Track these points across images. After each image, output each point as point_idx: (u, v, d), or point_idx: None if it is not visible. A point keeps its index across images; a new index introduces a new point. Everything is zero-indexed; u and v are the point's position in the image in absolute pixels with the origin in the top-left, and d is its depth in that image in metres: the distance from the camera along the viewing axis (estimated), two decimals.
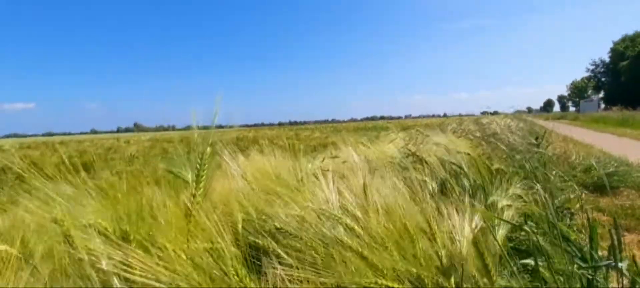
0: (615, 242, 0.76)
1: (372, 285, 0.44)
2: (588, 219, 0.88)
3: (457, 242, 0.47)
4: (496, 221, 0.63)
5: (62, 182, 0.50)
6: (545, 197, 0.75)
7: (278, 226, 0.53)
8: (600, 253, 0.88)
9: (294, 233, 0.51)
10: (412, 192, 0.56)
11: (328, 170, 0.59)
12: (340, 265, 0.43)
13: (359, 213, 0.50)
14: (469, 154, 0.98)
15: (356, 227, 0.48)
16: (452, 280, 0.46)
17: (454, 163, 0.90)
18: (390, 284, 0.45)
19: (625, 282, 0.78)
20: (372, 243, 0.46)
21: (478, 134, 1.42)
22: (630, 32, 36.76)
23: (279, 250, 0.51)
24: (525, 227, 0.66)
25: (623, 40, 37.31)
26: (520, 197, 0.72)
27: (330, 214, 0.49)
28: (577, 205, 1.32)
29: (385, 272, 0.44)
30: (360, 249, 0.45)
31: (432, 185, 0.76)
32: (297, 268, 0.43)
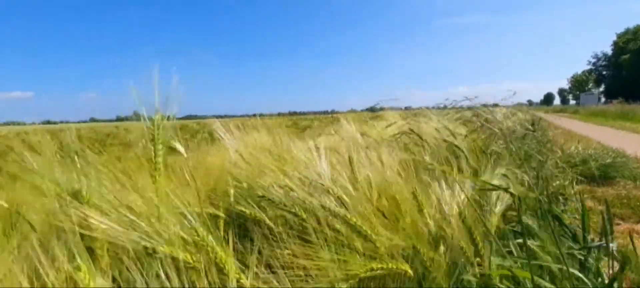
0: (606, 224, 0.77)
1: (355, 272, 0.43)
2: (580, 203, 0.89)
3: (445, 208, 0.48)
4: (491, 198, 0.63)
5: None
6: (537, 179, 0.76)
7: (260, 194, 0.54)
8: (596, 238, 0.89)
9: (277, 201, 0.52)
10: (406, 167, 0.56)
11: (319, 147, 0.60)
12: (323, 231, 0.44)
13: (348, 186, 0.50)
14: (465, 136, 0.99)
15: (343, 195, 0.49)
16: (441, 248, 0.47)
17: (454, 145, 0.90)
18: (382, 266, 0.45)
19: (616, 264, 0.79)
20: (356, 210, 0.47)
21: (475, 119, 1.42)
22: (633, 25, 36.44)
23: (266, 218, 0.52)
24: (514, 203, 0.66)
25: (625, 33, 37.04)
26: (507, 177, 0.73)
27: (315, 183, 0.50)
28: (572, 191, 1.33)
29: (372, 237, 0.44)
30: (343, 213, 0.45)
31: (431, 163, 0.77)
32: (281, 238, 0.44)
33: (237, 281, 0.41)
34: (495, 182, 0.73)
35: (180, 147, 0.76)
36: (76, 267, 0.32)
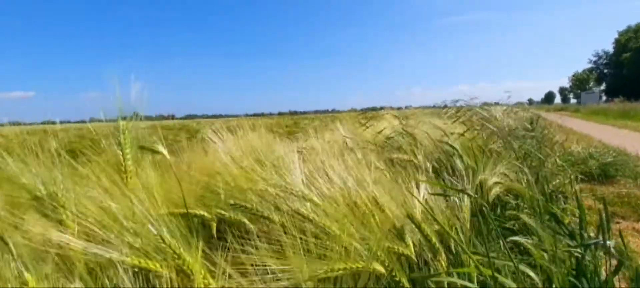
0: (604, 222, 0.77)
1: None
2: (577, 200, 0.89)
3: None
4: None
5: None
6: (536, 176, 0.76)
7: (232, 202, 0.55)
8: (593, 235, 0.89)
9: (249, 207, 0.53)
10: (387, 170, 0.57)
11: (301, 151, 0.61)
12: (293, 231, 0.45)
13: (323, 188, 0.51)
14: (462, 135, 0.99)
15: (315, 198, 0.50)
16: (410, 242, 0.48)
17: (448, 144, 0.91)
18: (352, 265, 0.45)
19: (613, 262, 0.79)
20: (327, 213, 0.48)
21: (474, 118, 1.42)
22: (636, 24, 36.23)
23: (246, 221, 0.54)
24: (508, 199, 0.66)
25: (627, 31, 36.87)
26: (506, 175, 0.73)
27: (290, 188, 0.51)
28: (572, 190, 1.33)
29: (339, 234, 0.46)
30: (312, 215, 0.46)
31: (426, 165, 0.77)
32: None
33: (206, 285, 0.40)
34: (494, 179, 0.73)
35: (162, 149, 0.76)
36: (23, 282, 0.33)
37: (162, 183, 0.52)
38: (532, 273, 0.57)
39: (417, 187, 0.54)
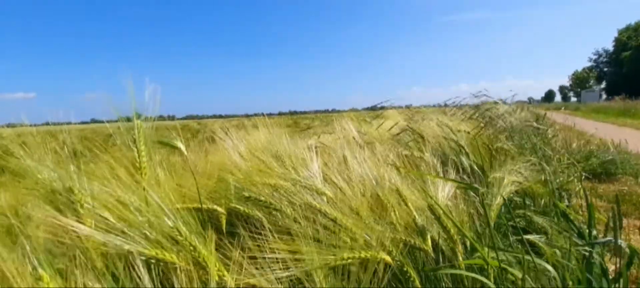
0: (616, 220, 0.76)
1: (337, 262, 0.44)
2: (586, 199, 0.89)
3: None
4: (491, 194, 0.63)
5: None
6: (547, 175, 0.76)
7: (247, 195, 0.55)
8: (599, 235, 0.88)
9: (263, 200, 0.53)
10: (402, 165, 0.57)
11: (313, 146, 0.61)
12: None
13: (341, 183, 0.51)
14: (468, 133, 0.99)
15: (328, 193, 0.50)
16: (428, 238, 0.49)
17: (454, 142, 0.90)
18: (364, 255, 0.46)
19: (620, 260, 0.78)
20: (343, 206, 0.48)
21: (479, 116, 1.42)
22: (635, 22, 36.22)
23: (259, 214, 0.54)
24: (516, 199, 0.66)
25: (627, 29, 36.85)
26: (520, 173, 0.73)
27: (304, 182, 0.51)
28: (576, 189, 1.33)
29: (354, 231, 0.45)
30: (327, 210, 0.46)
31: (433, 161, 0.77)
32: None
33: (220, 278, 0.41)
34: (512, 178, 0.73)
35: (181, 146, 0.76)
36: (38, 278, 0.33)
37: (176, 178, 0.52)
38: (548, 266, 0.57)
39: (432, 184, 0.54)
